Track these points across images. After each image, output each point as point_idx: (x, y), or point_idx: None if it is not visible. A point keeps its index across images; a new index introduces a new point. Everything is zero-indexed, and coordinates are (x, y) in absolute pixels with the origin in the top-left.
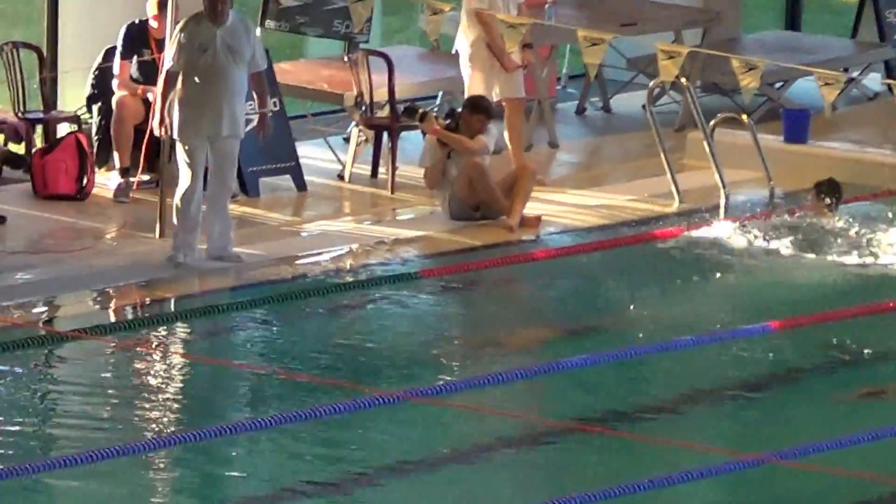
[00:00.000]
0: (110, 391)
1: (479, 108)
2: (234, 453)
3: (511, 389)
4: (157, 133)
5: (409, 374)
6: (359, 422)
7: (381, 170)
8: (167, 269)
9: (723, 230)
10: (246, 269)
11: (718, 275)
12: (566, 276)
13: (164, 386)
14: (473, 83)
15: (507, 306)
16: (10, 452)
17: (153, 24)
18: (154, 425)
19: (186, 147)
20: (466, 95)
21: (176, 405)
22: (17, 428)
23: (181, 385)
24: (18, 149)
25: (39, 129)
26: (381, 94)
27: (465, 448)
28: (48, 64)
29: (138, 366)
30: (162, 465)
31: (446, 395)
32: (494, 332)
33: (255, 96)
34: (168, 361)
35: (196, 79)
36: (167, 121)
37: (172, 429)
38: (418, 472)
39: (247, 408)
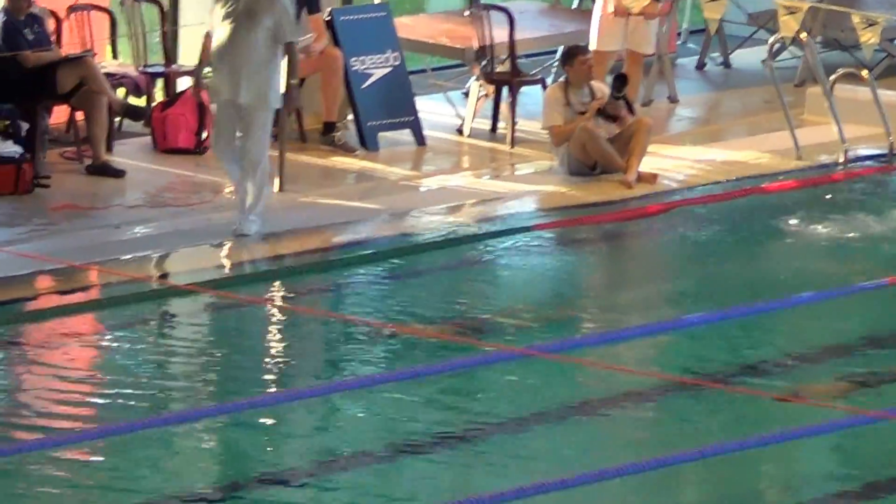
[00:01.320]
0: (226, 346)
1: (572, 52)
2: (352, 408)
3: (631, 345)
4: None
5: (528, 329)
6: (478, 378)
7: (501, 124)
8: (284, 223)
9: (842, 185)
10: (363, 224)
11: (837, 229)
12: (683, 231)
13: (281, 341)
14: (603, 31)
15: (625, 262)
16: (130, 403)
17: None
18: (271, 380)
19: (213, 108)
20: (592, 46)
21: (292, 360)
22: (134, 381)
23: (298, 340)
24: (139, 102)
25: (160, 83)
26: (502, 49)
27: (584, 403)
28: (169, 18)
29: (255, 321)
30: (280, 420)
31: (566, 351)
32: (613, 287)
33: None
34: (285, 317)
35: (218, 42)
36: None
37: (288, 384)
38: (537, 427)
39: (365, 363)
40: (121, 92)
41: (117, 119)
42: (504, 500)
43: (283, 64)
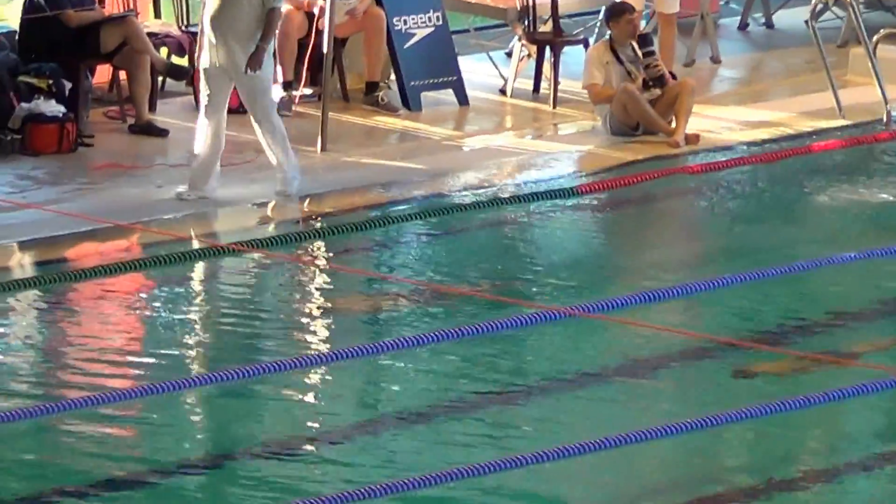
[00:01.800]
0: (268, 306)
1: (618, 10)
2: (393, 369)
3: (672, 305)
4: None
5: (569, 289)
6: (518, 338)
7: (543, 85)
8: (326, 183)
9: (885, 145)
10: (406, 184)
11: (879, 189)
12: (725, 191)
13: (322, 301)
14: None
15: (667, 222)
16: (173, 363)
17: None
18: (313, 340)
19: (203, 75)
20: None
21: (334, 320)
22: (177, 340)
23: (339, 300)
24: (181, 62)
25: None
26: (544, 9)
27: (624, 364)
28: None
29: (297, 280)
30: (320, 380)
31: (607, 311)
32: (654, 247)
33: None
34: (327, 276)
35: (209, 9)
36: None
37: (330, 344)
38: (578, 388)
39: (406, 323)
40: (163, 51)
41: (160, 78)
42: (543, 460)
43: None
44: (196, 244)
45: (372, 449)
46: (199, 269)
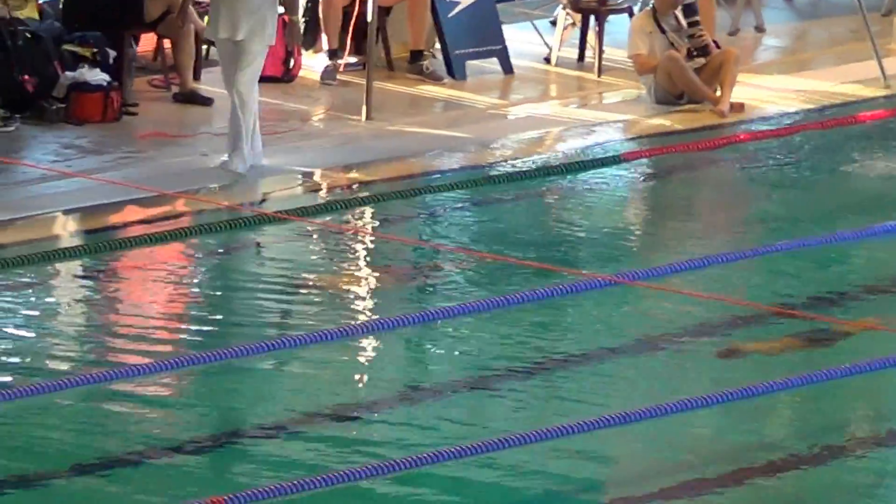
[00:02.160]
0: (313, 274)
1: None
2: (438, 336)
3: (717, 273)
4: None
5: (613, 257)
6: (563, 306)
7: (588, 53)
8: (371, 151)
9: None
10: (450, 153)
11: None
12: (769, 160)
13: (366, 269)
14: None
15: (712, 190)
16: (221, 330)
17: None
18: (357, 309)
19: (218, 47)
20: None
21: (378, 288)
22: (224, 308)
23: (384, 268)
24: None
25: None
26: None
27: (669, 332)
28: None
29: (342, 248)
30: (364, 349)
31: (652, 279)
32: (700, 215)
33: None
34: (372, 244)
35: None
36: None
37: (374, 313)
38: (624, 355)
39: (451, 291)
40: (206, 20)
41: (204, 47)
42: (588, 429)
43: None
44: (242, 212)
45: (415, 418)
46: (244, 237)
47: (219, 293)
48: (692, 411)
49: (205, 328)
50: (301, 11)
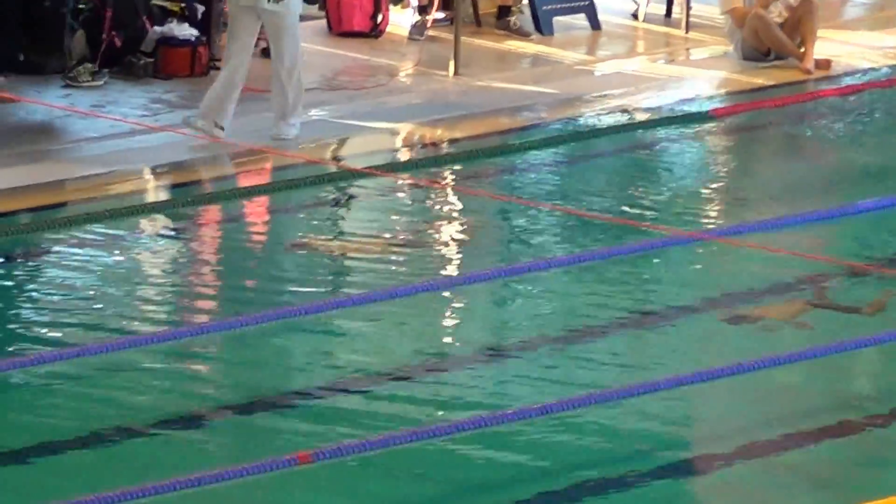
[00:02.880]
0: (402, 229)
1: None
2: (523, 292)
3: (803, 230)
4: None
5: (700, 213)
6: (648, 262)
7: (675, 9)
8: (458, 107)
9: None
10: (537, 108)
11: None
12: (855, 116)
13: (452, 225)
14: None
15: (798, 147)
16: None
17: None
18: (442, 264)
19: (230, 14)
20: None
21: (464, 244)
22: (310, 262)
23: (470, 223)
24: None
25: None
26: None
27: (755, 288)
28: None
29: (428, 203)
30: (449, 304)
31: (738, 235)
32: (785, 172)
33: None
34: (458, 200)
35: None
36: None
37: (459, 268)
38: (709, 311)
39: (538, 246)
40: None
41: None
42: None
43: None
44: (330, 168)
45: (500, 374)
46: (331, 192)
47: (303, 250)
48: (777, 367)
49: (290, 284)
50: None
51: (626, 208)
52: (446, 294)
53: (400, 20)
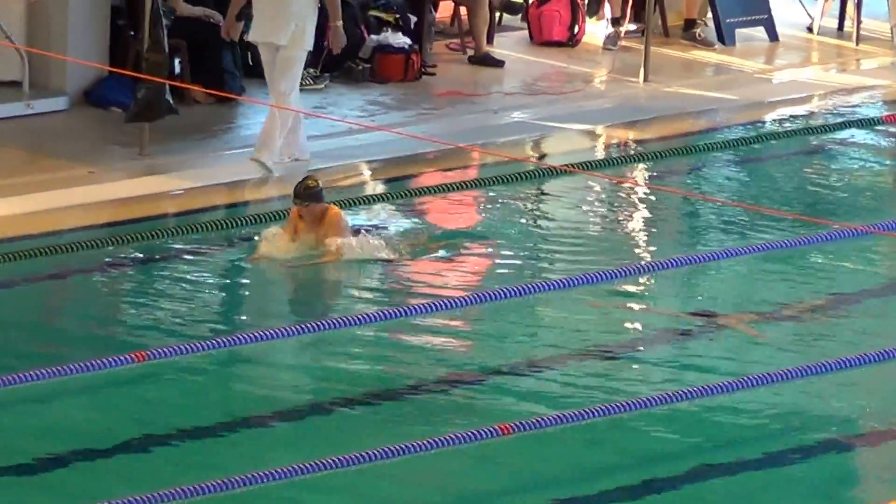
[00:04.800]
0: (594, 220)
1: None
2: (707, 277)
3: None
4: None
5: (869, 209)
6: (823, 254)
7: (847, 23)
8: (647, 111)
9: None
10: (720, 112)
11: None
12: None
13: (640, 218)
14: None
15: None
16: (507, 267)
17: None
18: (631, 252)
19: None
20: None
21: (651, 235)
22: (503, 251)
23: (657, 216)
24: None
25: None
26: None
27: None
28: None
29: (618, 198)
30: (640, 286)
31: None
32: None
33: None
34: (647, 195)
35: None
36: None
37: (649, 255)
38: (868, 299)
39: (716, 239)
40: None
41: (497, 13)
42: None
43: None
44: (529, 165)
45: (680, 355)
46: (531, 187)
47: (503, 237)
48: None
49: (482, 269)
50: None
51: (799, 205)
52: (629, 281)
53: (595, 31)
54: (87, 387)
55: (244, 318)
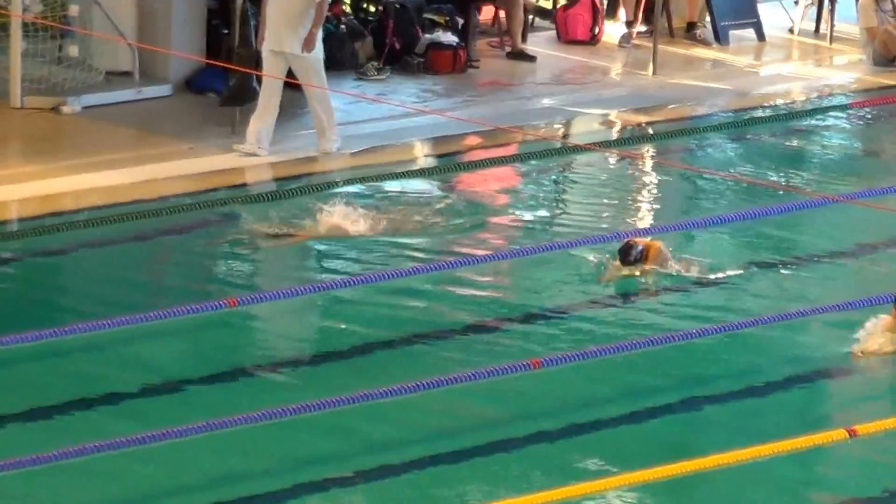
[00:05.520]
0: (612, 190)
1: None
2: (706, 238)
3: None
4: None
5: (841, 180)
6: (796, 219)
7: (822, 26)
8: (655, 99)
9: None
10: (716, 100)
11: None
12: None
13: (649, 187)
14: None
15: None
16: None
17: None
18: (638, 216)
19: (264, 57)
20: None
21: (656, 200)
22: (530, 216)
23: (661, 187)
24: (546, 5)
25: None
26: None
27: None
28: None
29: (631, 172)
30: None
31: (872, 198)
32: None
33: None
34: (654, 169)
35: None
36: (262, 40)
37: (652, 219)
38: (844, 259)
39: (710, 204)
40: None
41: (530, 16)
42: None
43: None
44: (558, 143)
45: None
46: (560, 163)
47: (532, 202)
48: None
49: (513, 229)
50: None
51: (782, 175)
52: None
53: (612, 31)
54: (182, 328)
55: (327, 263)
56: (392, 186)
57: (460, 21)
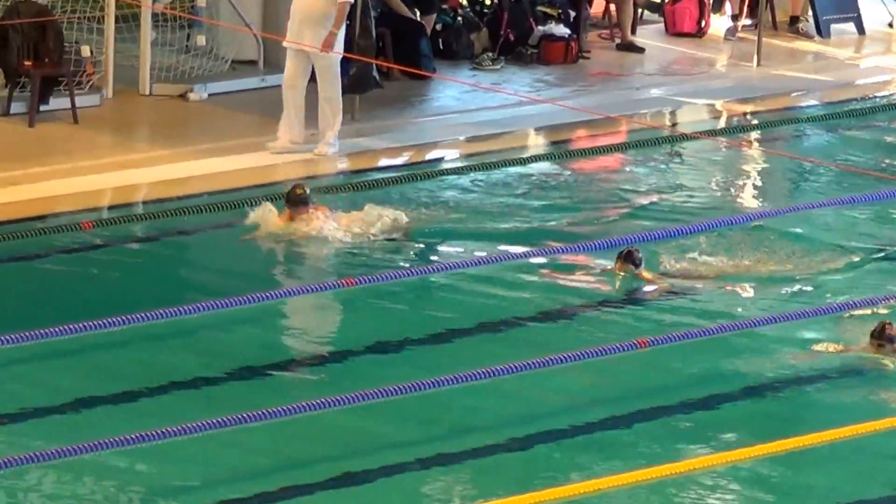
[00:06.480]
0: (715, 176)
1: None
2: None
3: None
4: (321, 49)
5: None
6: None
7: None
8: (759, 90)
9: None
10: (818, 91)
11: None
12: None
13: (754, 174)
14: None
15: None
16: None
17: None
18: (741, 202)
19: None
20: None
21: (760, 187)
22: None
23: (766, 173)
24: None
25: None
26: None
27: None
28: None
29: (737, 159)
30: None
31: None
32: None
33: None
34: (759, 157)
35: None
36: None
37: (755, 205)
38: None
39: (814, 190)
40: None
41: (640, 10)
42: None
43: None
44: (665, 132)
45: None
46: (667, 150)
47: (639, 187)
48: None
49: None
50: None
51: (883, 165)
52: (758, 224)
53: (718, 24)
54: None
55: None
56: (510, 171)
57: (572, 14)
